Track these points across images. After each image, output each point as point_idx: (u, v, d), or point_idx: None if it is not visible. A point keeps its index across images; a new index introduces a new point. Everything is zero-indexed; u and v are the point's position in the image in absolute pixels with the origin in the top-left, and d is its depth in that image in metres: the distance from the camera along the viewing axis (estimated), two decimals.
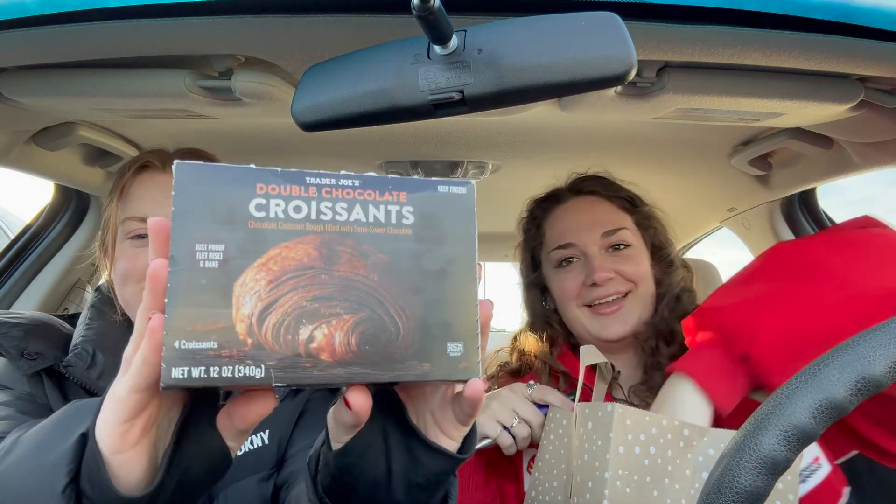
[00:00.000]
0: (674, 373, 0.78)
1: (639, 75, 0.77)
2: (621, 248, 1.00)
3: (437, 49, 0.52)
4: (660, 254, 1.05)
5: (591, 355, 0.83)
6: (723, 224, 1.67)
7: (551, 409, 0.86)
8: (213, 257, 0.37)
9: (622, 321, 0.96)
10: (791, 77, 0.79)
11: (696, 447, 0.69)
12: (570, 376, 1.00)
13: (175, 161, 0.38)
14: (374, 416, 0.45)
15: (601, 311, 0.97)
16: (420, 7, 0.44)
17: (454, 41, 0.52)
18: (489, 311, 0.44)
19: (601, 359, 0.83)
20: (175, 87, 0.78)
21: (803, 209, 1.42)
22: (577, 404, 0.79)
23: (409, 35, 0.56)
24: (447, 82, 0.53)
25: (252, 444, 0.77)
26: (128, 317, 0.82)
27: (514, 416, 0.86)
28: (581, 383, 0.80)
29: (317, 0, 0.61)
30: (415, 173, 1.33)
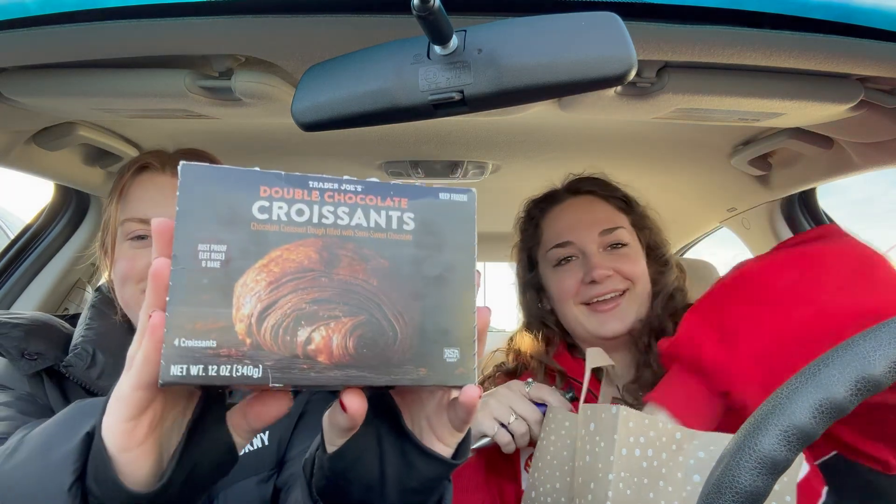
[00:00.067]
0: (650, 402, 0.77)
1: (639, 75, 0.77)
2: (619, 246, 1.00)
3: (437, 49, 0.52)
4: (655, 254, 1.05)
5: (597, 358, 0.82)
6: (723, 224, 1.67)
7: (550, 409, 0.86)
8: (216, 257, 0.38)
9: (620, 319, 0.97)
10: (791, 77, 0.79)
11: (686, 450, 0.69)
12: (567, 376, 1.00)
13: (181, 162, 0.39)
14: (369, 420, 0.46)
15: (599, 308, 0.97)
16: (420, 7, 0.44)
17: (454, 41, 0.52)
18: (486, 319, 0.44)
19: (608, 362, 0.83)
20: (175, 87, 0.78)
21: (803, 209, 1.42)
22: (580, 406, 0.79)
23: (409, 35, 0.56)
24: (447, 82, 0.53)
25: (252, 445, 0.77)
26: (128, 317, 0.82)
27: (511, 413, 0.86)
28: (586, 388, 0.80)
29: (317, 0, 0.61)
30: (415, 173, 1.33)
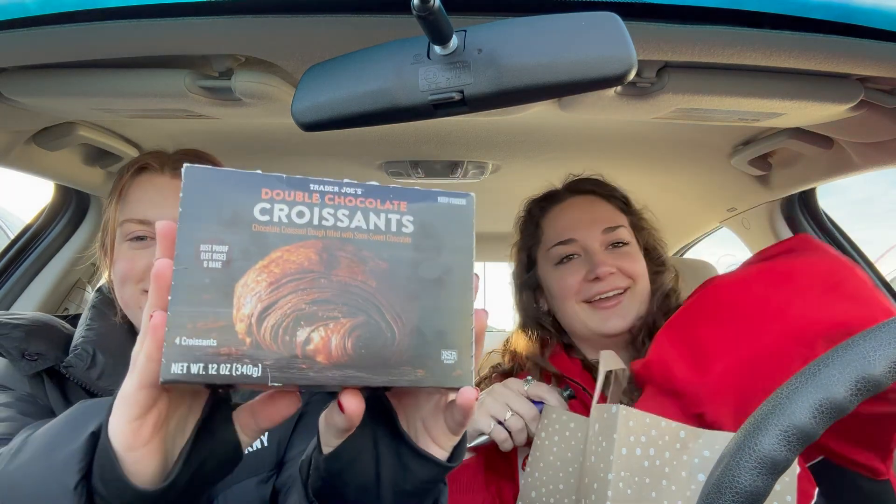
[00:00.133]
0: None
1: (639, 75, 0.77)
2: (620, 245, 1.01)
3: (437, 49, 0.52)
4: (652, 255, 1.06)
5: (610, 361, 0.83)
6: (723, 224, 1.67)
7: (547, 407, 0.86)
8: (217, 258, 0.38)
9: (622, 316, 0.97)
10: (791, 77, 0.79)
11: (691, 449, 0.69)
12: (563, 377, 1.00)
13: (184, 165, 0.39)
14: (365, 421, 0.46)
15: (601, 305, 0.98)
16: (420, 7, 0.44)
17: (454, 41, 0.52)
18: (484, 322, 0.44)
19: (620, 365, 0.83)
20: (175, 87, 0.78)
21: (803, 209, 1.42)
22: (593, 407, 0.79)
23: (409, 35, 0.56)
24: (447, 82, 0.53)
25: (251, 446, 0.76)
26: (127, 318, 0.81)
27: (508, 410, 0.86)
28: (599, 390, 0.80)
29: (317, 0, 0.61)
30: (415, 173, 1.33)
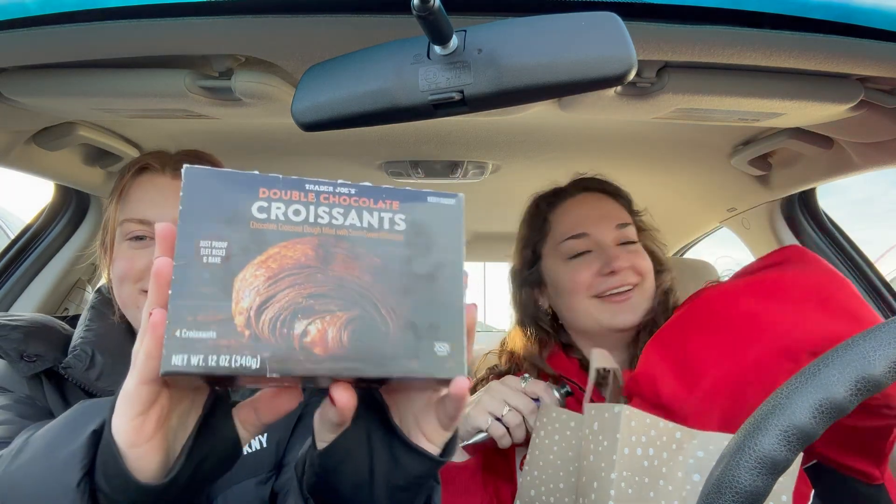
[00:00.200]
0: None
1: (639, 75, 0.77)
2: (629, 243, 1.02)
3: (437, 49, 0.52)
4: (653, 256, 1.07)
5: (601, 359, 0.83)
6: (723, 224, 1.67)
7: (544, 407, 0.86)
8: (216, 253, 0.39)
9: (632, 310, 0.97)
10: (791, 77, 0.79)
11: (686, 449, 0.69)
12: (562, 377, 1.00)
13: (185, 165, 0.41)
14: (358, 417, 0.47)
15: (613, 300, 0.97)
16: (420, 7, 0.44)
17: (454, 41, 0.52)
18: (474, 315, 0.46)
19: (612, 364, 0.83)
20: (175, 87, 0.78)
21: (803, 209, 1.42)
22: (585, 405, 0.79)
23: (409, 35, 0.56)
24: (447, 82, 0.53)
25: (251, 447, 0.76)
26: (126, 318, 0.81)
27: (505, 406, 0.86)
28: (591, 388, 0.80)
29: (317, 0, 0.61)
30: (415, 173, 1.33)
